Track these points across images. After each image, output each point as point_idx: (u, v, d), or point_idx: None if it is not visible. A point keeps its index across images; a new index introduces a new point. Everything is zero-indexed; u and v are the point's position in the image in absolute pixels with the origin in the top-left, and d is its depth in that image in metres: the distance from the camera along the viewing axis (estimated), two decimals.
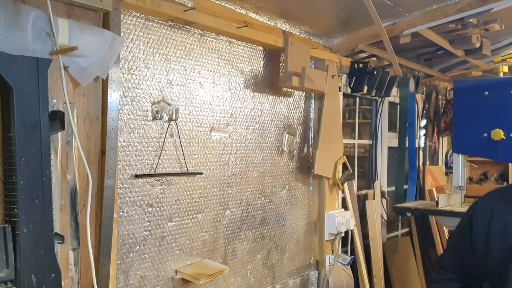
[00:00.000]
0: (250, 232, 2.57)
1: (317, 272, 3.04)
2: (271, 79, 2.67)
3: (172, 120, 2.08)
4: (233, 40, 2.41)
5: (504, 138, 2.79)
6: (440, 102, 4.63)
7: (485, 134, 2.85)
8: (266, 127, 2.65)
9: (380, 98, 3.79)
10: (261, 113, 2.61)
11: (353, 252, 3.38)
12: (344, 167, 2.61)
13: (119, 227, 1.87)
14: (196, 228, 2.24)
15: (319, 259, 3.05)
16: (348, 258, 3.10)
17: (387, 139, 4.03)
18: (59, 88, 1.57)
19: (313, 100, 3.03)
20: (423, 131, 4.45)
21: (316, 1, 2.38)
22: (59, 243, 1.58)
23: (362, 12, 2.42)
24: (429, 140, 4.69)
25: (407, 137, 4.00)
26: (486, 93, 2.89)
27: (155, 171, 2.01)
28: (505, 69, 3.66)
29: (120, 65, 1.83)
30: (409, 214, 3.60)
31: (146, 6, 1.87)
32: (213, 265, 2.24)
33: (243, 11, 2.36)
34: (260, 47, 2.60)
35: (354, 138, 3.72)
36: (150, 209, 2.01)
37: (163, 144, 2.04)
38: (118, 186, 1.86)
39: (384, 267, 3.62)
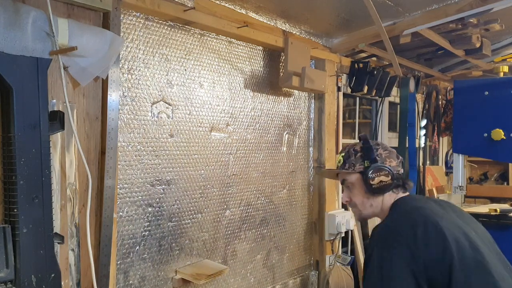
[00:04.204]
0: (250, 232, 2.57)
1: (317, 272, 3.04)
2: (271, 79, 2.67)
3: (171, 119, 2.08)
4: (233, 40, 2.41)
5: (504, 138, 2.79)
6: (440, 102, 4.64)
7: (485, 134, 2.86)
8: (266, 127, 2.65)
9: (380, 98, 3.79)
10: (261, 113, 2.61)
11: (353, 252, 3.38)
12: None
13: (119, 227, 1.87)
14: (196, 228, 2.24)
15: (319, 259, 3.05)
16: (348, 258, 3.10)
17: (387, 139, 4.02)
18: (59, 88, 1.57)
19: (313, 100, 3.03)
20: (423, 131, 4.45)
21: (316, 1, 2.38)
22: (59, 243, 1.58)
23: (362, 12, 2.42)
24: (429, 140, 4.69)
25: (407, 137, 4.00)
26: (486, 93, 2.90)
27: None
28: (505, 69, 3.66)
29: (120, 65, 1.83)
30: None
31: (146, 6, 1.87)
32: (213, 265, 2.24)
33: (243, 11, 2.36)
34: (260, 47, 2.60)
35: (354, 138, 3.72)
36: (150, 209, 2.01)
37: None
38: (118, 186, 1.86)
39: None
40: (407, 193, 1.70)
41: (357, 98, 3.69)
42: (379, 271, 1.44)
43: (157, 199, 2.04)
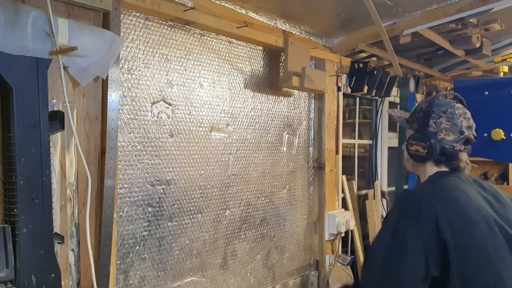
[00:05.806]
0: (250, 232, 2.57)
1: (317, 272, 3.04)
2: (271, 79, 2.67)
3: (171, 119, 2.08)
4: (233, 40, 2.41)
5: (504, 138, 2.78)
6: None
7: (485, 134, 2.85)
8: (266, 127, 2.65)
9: (380, 98, 3.79)
10: (261, 113, 2.61)
11: (353, 252, 3.38)
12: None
13: (119, 227, 1.87)
14: (196, 228, 2.24)
15: (319, 259, 3.05)
16: (348, 258, 3.10)
17: (387, 139, 4.02)
18: (59, 88, 1.57)
19: (313, 100, 3.03)
20: None
21: (316, 1, 2.38)
22: (59, 243, 1.58)
23: (362, 12, 2.42)
24: None
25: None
26: (486, 93, 2.89)
27: None
28: (505, 69, 3.66)
29: (120, 65, 1.83)
30: None
31: (146, 6, 1.87)
32: None
33: (243, 11, 2.36)
34: (260, 47, 2.60)
35: (354, 138, 3.72)
36: (150, 209, 2.01)
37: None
38: (118, 186, 1.86)
39: None
40: (449, 170, 1.59)
41: (357, 98, 3.69)
42: (390, 241, 1.38)
43: (157, 199, 2.04)
